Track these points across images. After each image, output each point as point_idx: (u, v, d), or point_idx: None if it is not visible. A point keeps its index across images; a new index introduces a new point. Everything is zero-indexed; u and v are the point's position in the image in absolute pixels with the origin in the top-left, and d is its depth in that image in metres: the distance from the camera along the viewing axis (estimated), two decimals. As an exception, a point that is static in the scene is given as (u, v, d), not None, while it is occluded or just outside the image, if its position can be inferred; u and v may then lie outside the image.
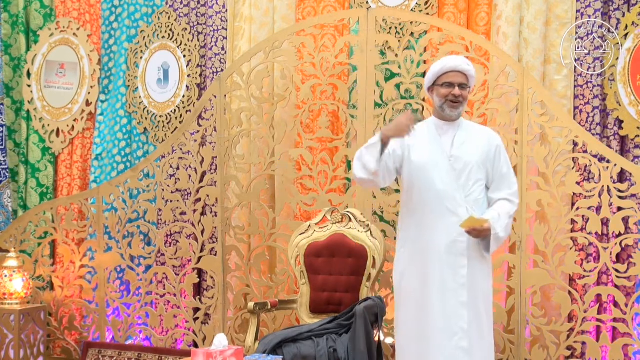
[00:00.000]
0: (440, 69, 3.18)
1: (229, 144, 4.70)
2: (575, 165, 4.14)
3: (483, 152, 3.18)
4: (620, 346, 3.95)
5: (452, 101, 3.16)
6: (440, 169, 3.13)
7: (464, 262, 3.08)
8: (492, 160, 3.18)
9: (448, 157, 3.15)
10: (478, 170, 3.15)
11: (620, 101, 4.16)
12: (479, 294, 3.13)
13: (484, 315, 3.14)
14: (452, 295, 3.08)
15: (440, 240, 3.10)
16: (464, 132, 3.21)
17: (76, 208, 5.25)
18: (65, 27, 5.53)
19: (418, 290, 3.15)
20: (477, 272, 3.12)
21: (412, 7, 4.57)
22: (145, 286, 4.98)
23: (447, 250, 3.09)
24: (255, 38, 4.86)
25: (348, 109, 4.52)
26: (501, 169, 3.19)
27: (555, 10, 4.35)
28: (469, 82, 3.19)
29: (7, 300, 4.83)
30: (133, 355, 4.89)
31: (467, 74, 3.17)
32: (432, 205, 3.12)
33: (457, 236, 3.08)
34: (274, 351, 3.58)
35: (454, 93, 3.14)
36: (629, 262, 4.01)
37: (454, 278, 3.08)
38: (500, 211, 3.12)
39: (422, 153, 3.18)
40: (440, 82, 3.18)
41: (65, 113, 5.52)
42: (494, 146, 3.20)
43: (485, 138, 3.22)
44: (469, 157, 3.15)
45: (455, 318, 3.07)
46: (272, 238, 4.63)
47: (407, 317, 3.20)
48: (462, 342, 3.06)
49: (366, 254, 4.03)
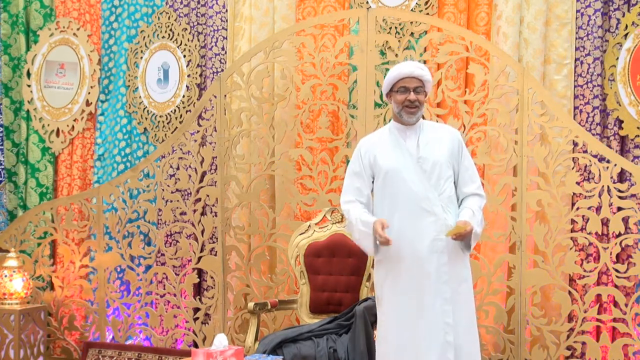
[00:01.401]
0: (396, 75, 3.23)
1: (229, 144, 4.70)
2: (575, 165, 4.14)
3: (448, 149, 3.22)
4: (620, 346, 3.95)
5: (408, 106, 3.20)
6: (410, 172, 3.16)
7: (445, 260, 3.11)
8: (457, 155, 3.23)
9: (416, 159, 3.18)
10: (447, 168, 3.20)
11: (620, 101, 4.16)
12: (462, 288, 3.15)
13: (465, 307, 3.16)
14: (436, 293, 3.10)
15: (421, 241, 3.11)
16: (426, 133, 3.26)
17: (76, 208, 5.25)
18: (65, 27, 5.53)
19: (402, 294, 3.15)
20: (458, 266, 3.16)
21: (412, 7, 4.57)
22: (145, 286, 4.99)
23: (428, 250, 3.11)
24: (255, 38, 4.86)
25: (348, 109, 4.52)
26: (464, 162, 3.25)
27: (555, 10, 4.35)
28: (424, 86, 3.23)
29: (7, 300, 4.83)
30: (133, 355, 4.89)
31: (422, 78, 3.22)
32: (408, 208, 3.14)
33: (436, 235, 3.10)
34: (274, 351, 3.58)
35: (409, 98, 3.19)
36: (629, 262, 4.01)
37: (437, 275, 3.10)
38: (473, 208, 3.17)
39: (390, 159, 3.22)
40: (396, 88, 3.23)
41: (65, 113, 5.53)
42: (456, 142, 3.25)
43: (447, 135, 3.27)
44: (436, 156, 3.19)
45: (441, 314, 3.09)
46: (272, 238, 4.63)
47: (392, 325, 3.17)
48: (448, 336, 3.08)
49: (366, 254, 4.03)
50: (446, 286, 3.10)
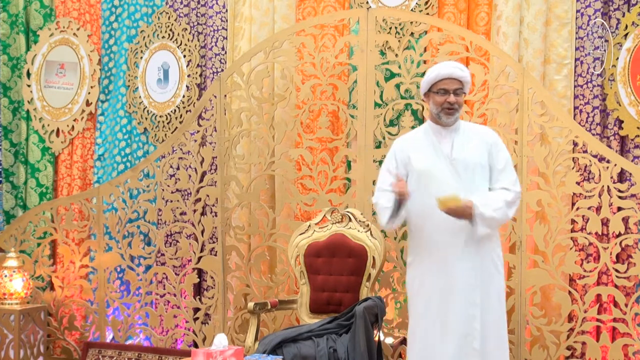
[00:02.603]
0: (435, 76, 3.19)
1: (229, 144, 4.70)
2: (575, 165, 4.14)
3: (483, 152, 3.20)
4: (620, 346, 3.95)
5: (448, 108, 3.17)
6: (444, 173, 3.13)
7: (477, 263, 3.09)
8: (492, 158, 3.21)
9: (450, 160, 3.17)
10: (481, 170, 3.17)
11: (620, 101, 4.16)
12: (493, 293, 3.13)
13: (499, 313, 3.15)
14: (465, 297, 3.08)
15: (452, 243, 3.10)
16: (462, 134, 3.23)
17: (76, 208, 5.25)
18: (65, 27, 5.53)
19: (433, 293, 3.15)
20: (490, 271, 3.13)
21: (412, 7, 4.57)
22: (145, 286, 4.99)
23: (459, 252, 3.09)
24: (255, 38, 4.86)
25: (348, 109, 4.52)
26: (498, 162, 3.21)
27: (555, 10, 4.35)
28: (464, 87, 3.20)
29: (7, 300, 4.83)
30: (133, 355, 4.89)
31: (462, 80, 3.19)
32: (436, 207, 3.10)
33: (468, 238, 3.07)
34: (274, 351, 3.57)
35: (449, 101, 3.16)
36: (629, 262, 4.01)
37: (466, 280, 3.09)
38: (491, 195, 3.12)
39: (423, 159, 3.19)
40: (435, 89, 3.20)
41: (65, 113, 5.53)
42: (491, 143, 3.22)
43: (483, 138, 3.24)
44: (470, 158, 3.17)
45: (468, 319, 3.07)
46: (272, 238, 4.63)
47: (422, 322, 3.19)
48: (475, 343, 3.07)
49: (366, 254, 4.03)
50: (476, 291, 3.07)
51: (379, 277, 4.14)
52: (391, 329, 4.37)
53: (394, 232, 4.33)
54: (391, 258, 4.30)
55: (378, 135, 4.38)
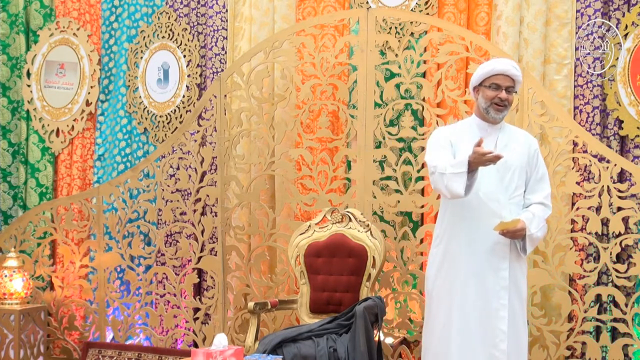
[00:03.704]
0: (490, 71, 3.16)
1: (229, 144, 4.70)
2: (575, 165, 4.14)
3: (524, 156, 3.20)
4: (620, 346, 3.95)
5: (498, 104, 3.15)
6: (484, 171, 3.08)
7: (506, 265, 3.09)
8: (531, 164, 3.21)
9: None
10: (520, 174, 3.18)
11: (620, 101, 4.16)
12: (517, 296, 3.14)
13: (520, 317, 3.16)
14: (494, 297, 3.08)
15: (483, 242, 3.10)
16: (506, 135, 3.22)
17: (76, 208, 5.25)
18: (65, 27, 5.53)
19: (455, 289, 3.14)
20: (517, 275, 3.14)
21: (412, 7, 4.57)
22: (145, 286, 4.98)
23: (489, 252, 3.09)
24: (255, 38, 4.86)
25: (348, 109, 4.52)
26: (538, 172, 3.23)
27: (555, 10, 4.35)
28: (515, 86, 3.18)
29: (7, 300, 4.83)
30: (133, 355, 4.89)
31: (515, 78, 3.16)
32: (476, 206, 3.12)
33: (500, 238, 3.07)
34: (274, 351, 3.57)
35: (500, 96, 3.13)
36: (629, 262, 4.01)
37: (496, 280, 3.08)
38: (534, 212, 3.15)
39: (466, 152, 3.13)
40: (488, 83, 3.16)
41: (65, 113, 5.53)
42: (532, 150, 3.24)
43: (526, 142, 3.25)
44: (512, 160, 3.15)
45: (496, 320, 3.07)
46: (272, 238, 4.63)
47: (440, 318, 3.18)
48: (502, 344, 3.07)
49: (366, 254, 4.03)
50: (505, 292, 3.07)
51: (379, 277, 4.14)
52: (391, 329, 4.37)
53: (394, 232, 4.33)
54: (391, 258, 4.30)
55: (378, 135, 4.38)
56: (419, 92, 4.37)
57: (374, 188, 4.36)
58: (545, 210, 3.21)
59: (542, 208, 3.21)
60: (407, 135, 4.35)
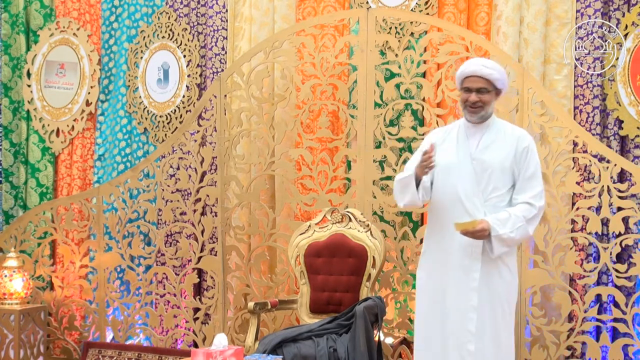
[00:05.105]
0: (460, 74, 3.17)
1: (229, 144, 4.70)
2: (575, 165, 4.14)
3: (508, 155, 3.12)
4: (620, 346, 3.95)
5: (470, 107, 3.14)
6: (462, 171, 3.10)
7: (477, 266, 3.06)
8: (519, 162, 3.12)
9: (471, 159, 3.13)
10: (500, 174, 3.10)
11: (620, 101, 4.16)
12: (494, 298, 3.09)
13: (498, 319, 3.11)
14: (464, 299, 3.07)
15: (458, 244, 3.09)
16: (493, 134, 3.17)
17: (76, 208, 5.25)
18: (65, 27, 5.53)
19: (436, 292, 3.16)
20: (493, 277, 3.09)
21: (412, 7, 4.57)
22: (145, 286, 4.98)
23: (462, 253, 3.09)
24: (255, 38, 4.86)
25: (348, 109, 4.52)
26: (527, 170, 3.12)
27: (555, 10, 4.35)
28: (494, 84, 3.13)
29: (7, 300, 4.83)
30: (133, 355, 4.89)
31: (489, 77, 3.11)
32: (452, 207, 3.11)
33: (474, 240, 3.04)
34: (274, 351, 3.58)
35: (469, 99, 3.13)
36: (629, 262, 4.01)
37: (467, 282, 3.07)
38: (513, 212, 3.06)
39: (448, 155, 3.17)
40: (461, 86, 3.17)
41: (65, 113, 5.53)
42: (521, 148, 3.13)
43: (514, 140, 3.15)
44: (492, 160, 3.11)
45: (465, 321, 3.06)
46: (272, 238, 4.63)
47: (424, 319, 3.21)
48: (470, 345, 3.05)
49: (366, 254, 4.03)
50: (474, 293, 3.06)
51: (379, 277, 4.14)
52: (391, 329, 4.37)
53: (394, 232, 4.33)
54: (391, 258, 4.30)
55: (378, 135, 4.38)
56: (419, 92, 4.37)
57: (374, 188, 4.36)
58: (529, 210, 3.08)
59: (525, 208, 3.08)
60: (407, 135, 4.35)
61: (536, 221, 3.14)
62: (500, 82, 3.15)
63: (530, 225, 3.09)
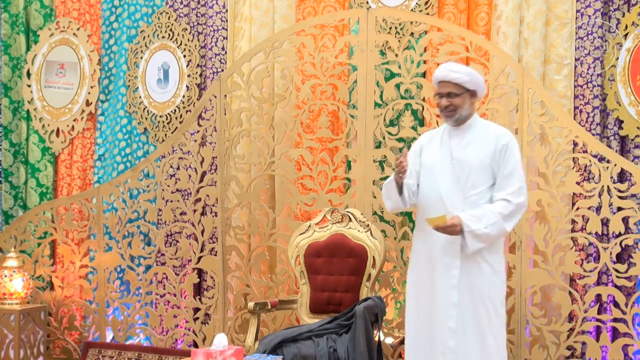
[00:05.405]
0: (434, 80, 3.27)
1: (229, 144, 4.70)
2: (575, 165, 4.14)
3: (487, 153, 3.17)
4: (620, 346, 3.95)
5: (443, 111, 3.23)
6: (444, 171, 3.18)
7: (457, 264, 3.12)
8: (497, 160, 3.16)
9: (451, 159, 3.20)
10: (479, 173, 3.15)
11: (620, 101, 4.16)
12: (476, 296, 3.12)
13: (484, 318, 3.12)
14: (443, 296, 3.12)
15: (439, 242, 3.15)
16: (473, 134, 3.23)
17: (76, 208, 5.25)
18: (65, 27, 5.53)
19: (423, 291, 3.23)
20: (473, 273, 3.13)
21: (412, 7, 4.57)
22: (145, 286, 4.98)
23: (443, 252, 3.14)
24: (255, 38, 4.86)
25: (348, 109, 4.52)
26: (505, 168, 3.16)
27: (555, 10, 4.35)
28: (464, 86, 3.18)
29: (7, 300, 4.83)
30: (133, 355, 4.89)
31: (457, 81, 3.17)
32: (434, 207, 3.17)
33: (453, 238, 3.10)
34: (274, 351, 3.58)
35: (441, 104, 3.22)
36: (629, 262, 4.01)
37: (446, 279, 3.13)
38: (489, 209, 3.11)
39: (431, 156, 3.27)
40: (435, 92, 3.28)
41: (65, 113, 5.53)
42: (500, 146, 3.17)
43: (493, 139, 3.20)
44: (470, 159, 3.17)
45: (446, 318, 3.11)
46: (272, 238, 4.63)
47: (410, 318, 3.29)
48: (451, 341, 3.09)
49: (366, 254, 4.03)
50: (454, 290, 3.10)
51: (379, 277, 4.14)
52: (391, 329, 4.37)
53: (394, 232, 4.33)
54: (391, 258, 4.30)
55: (378, 135, 4.38)
56: (419, 92, 4.37)
57: (374, 188, 4.36)
58: (506, 207, 3.10)
59: (502, 204, 3.11)
60: (407, 135, 4.35)
61: (514, 217, 3.15)
62: (470, 84, 3.21)
63: (508, 221, 3.12)
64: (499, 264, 3.20)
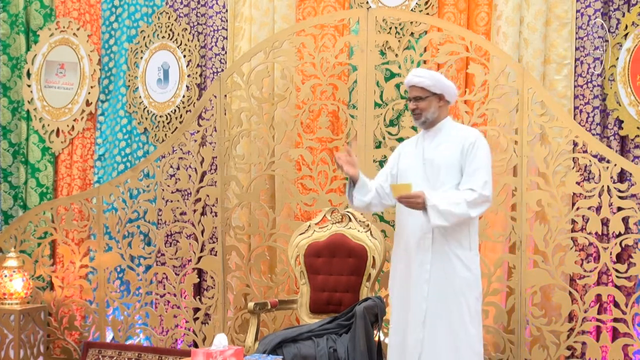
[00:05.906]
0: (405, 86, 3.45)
1: (229, 144, 4.70)
2: (575, 165, 4.14)
3: (454, 152, 3.26)
4: (620, 346, 3.95)
5: (412, 114, 3.36)
6: (416, 173, 3.30)
7: (428, 258, 3.20)
8: (465, 158, 3.25)
9: (423, 160, 3.31)
10: (448, 171, 3.24)
11: (620, 101, 4.16)
12: (448, 290, 3.18)
13: (456, 316, 3.17)
14: (416, 290, 3.21)
15: (412, 238, 3.25)
16: (443, 135, 3.33)
17: (76, 208, 5.25)
18: (65, 27, 5.53)
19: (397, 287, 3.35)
20: (445, 267, 3.19)
21: (412, 7, 4.57)
22: (145, 286, 4.99)
23: (415, 246, 3.24)
24: (255, 38, 4.86)
25: (348, 109, 4.52)
26: (471, 164, 3.23)
27: (555, 10, 4.35)
28: (429, 89, 3.28)
29: (7, 300, 4.83)
30: (133, 355, 4.89)
31: (418, 85, 3.29)
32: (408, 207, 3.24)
33: (424, 234, 3.21)
34: (274, 351, 3.58)
35: (409, 108, 3.35)
36: (629, 262, 4.01)
37: (419, 273, 3.21)
38: (454, 192, 3.19)
39: (405, 159, 3.40)
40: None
41: (65, 113, 5.53)
42: (467, 144, 3.25)
43: (461, 139, 3.28)
44: (439, 159, 3.27)
45: (416, 310, 3.20)
46: (272, 238, 4.63)
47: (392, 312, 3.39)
48: (420, 333, 3.18)
49: (366, 254, 4.04)
50: (425, 284, 3.20)
51: (379, 277, 4.14)
52: (391, 329, 4.37)
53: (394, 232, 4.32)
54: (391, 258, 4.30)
55: (378, 135, 4.38)
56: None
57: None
58: (470, 194, 3.14)
59: (466, 192, 3.15)
60: (407, 135, 4.34)
61: (479, 206, 3.18)
62: (434, 87, 3.30)
63: (472, 208, 3.15)
64: (472, 262, 3.24)
